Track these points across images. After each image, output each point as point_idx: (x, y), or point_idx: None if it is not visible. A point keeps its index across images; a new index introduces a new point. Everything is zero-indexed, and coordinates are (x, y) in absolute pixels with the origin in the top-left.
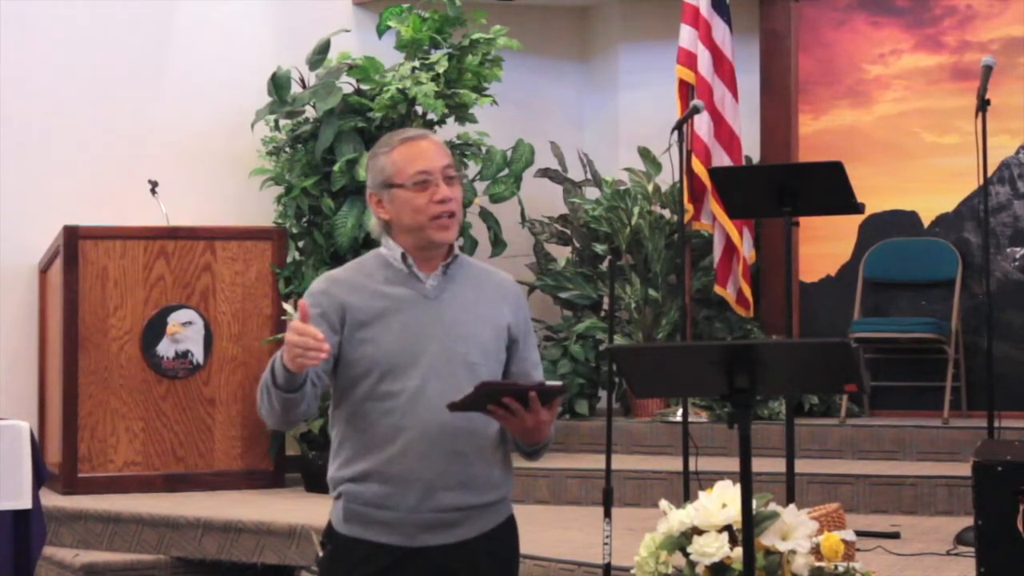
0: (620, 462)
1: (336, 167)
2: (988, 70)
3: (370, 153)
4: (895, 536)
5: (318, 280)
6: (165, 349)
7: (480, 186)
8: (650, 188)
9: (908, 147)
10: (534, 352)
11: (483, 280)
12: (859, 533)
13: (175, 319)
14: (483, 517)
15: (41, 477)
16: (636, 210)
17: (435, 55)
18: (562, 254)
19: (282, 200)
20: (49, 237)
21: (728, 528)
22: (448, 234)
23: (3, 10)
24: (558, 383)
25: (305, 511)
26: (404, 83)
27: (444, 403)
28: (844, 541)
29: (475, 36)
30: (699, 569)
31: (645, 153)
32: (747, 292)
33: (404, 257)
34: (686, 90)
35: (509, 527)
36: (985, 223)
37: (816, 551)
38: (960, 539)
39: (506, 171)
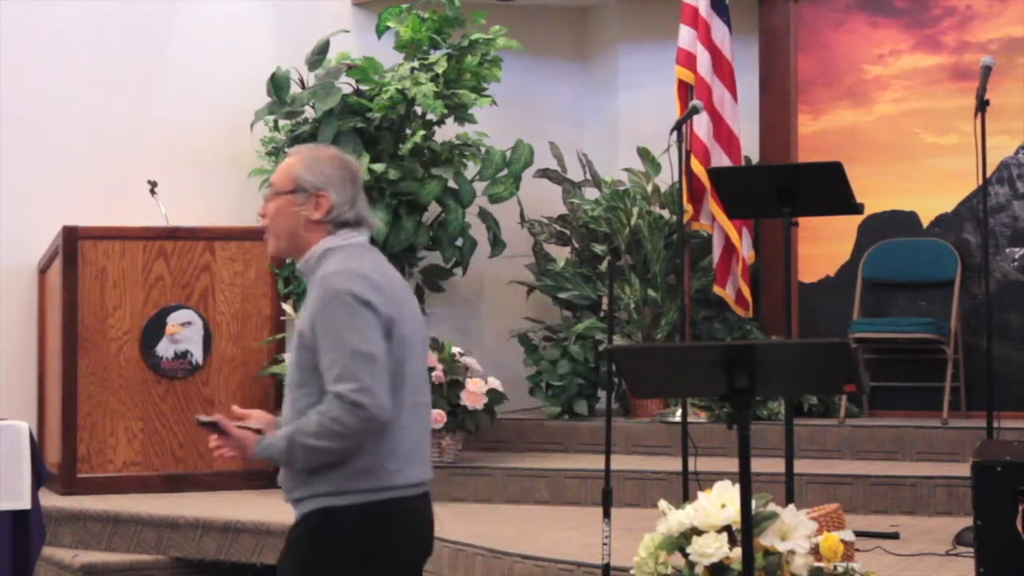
0: (619, 462)
1: None
2: (987, 70)
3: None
4: (894, 536)
5: None
6: (164, 349)
7: (479, 186)
8: (649, 188)
9: (907, 147)
10: (327, 355)
11: (314, 286)
12: (858, 533)
13: (174, 319)
14: (296, 509)
15: (40, 477)
16: (635, 210)
17: (434, 55)
18: (561, 254)
19: None
20: (48, 237)
21: (727, 528)
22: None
23: (3, 10)
24: (204, 417)
25: None
26: (403, 83)
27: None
28: (843, 541)
29: (474, 36)
30: (698, 569)
31: (644, 153)
32: (746, 292)
33: None
34: (685, 90)
35: (305, 522)
36: (984, 223)
37: (815, 551)
38: (959, 539)
39: (505, 171)
